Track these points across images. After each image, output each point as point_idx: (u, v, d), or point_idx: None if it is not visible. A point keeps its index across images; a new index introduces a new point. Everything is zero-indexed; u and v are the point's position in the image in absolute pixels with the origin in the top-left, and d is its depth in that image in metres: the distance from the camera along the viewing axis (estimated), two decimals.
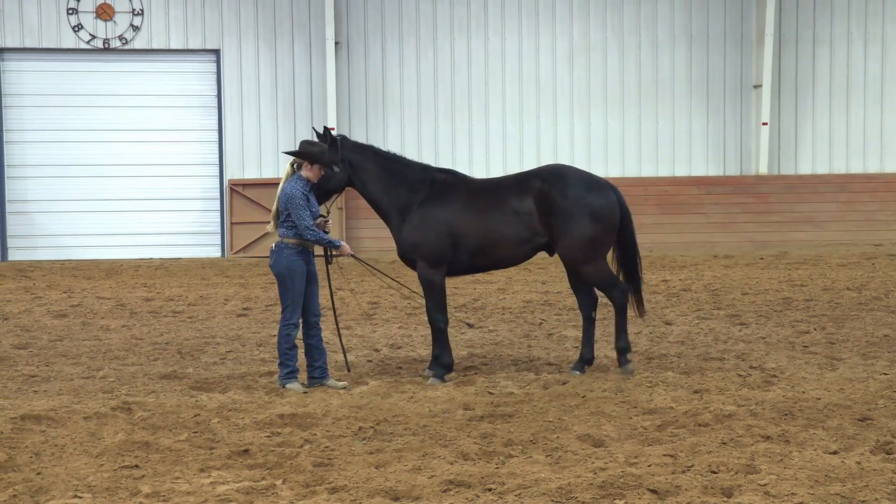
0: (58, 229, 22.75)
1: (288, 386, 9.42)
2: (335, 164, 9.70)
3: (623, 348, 10.04)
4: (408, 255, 9.98)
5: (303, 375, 9.77)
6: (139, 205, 22.85)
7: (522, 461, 6.94)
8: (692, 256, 21.58)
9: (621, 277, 10.21)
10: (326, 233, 9.55)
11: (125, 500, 6.26)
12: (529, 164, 22.97)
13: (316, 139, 9.98)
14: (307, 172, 9.44)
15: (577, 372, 9.99)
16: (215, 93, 23.03)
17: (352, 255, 9.73)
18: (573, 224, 9.76)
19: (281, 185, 9.48)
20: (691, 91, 24.04)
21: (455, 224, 9.83)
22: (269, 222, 9.74)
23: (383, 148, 10.39)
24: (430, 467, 6.80)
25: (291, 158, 9.52)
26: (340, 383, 9.61)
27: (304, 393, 9.28)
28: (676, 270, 19.12)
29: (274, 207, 9.59)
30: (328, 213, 10.01)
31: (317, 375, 9.62)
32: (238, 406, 8.75)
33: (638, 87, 23.91)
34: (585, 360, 10.14)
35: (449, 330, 10.16)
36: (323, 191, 9.81)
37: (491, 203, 9.91)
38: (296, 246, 9.44)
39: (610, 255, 10.20)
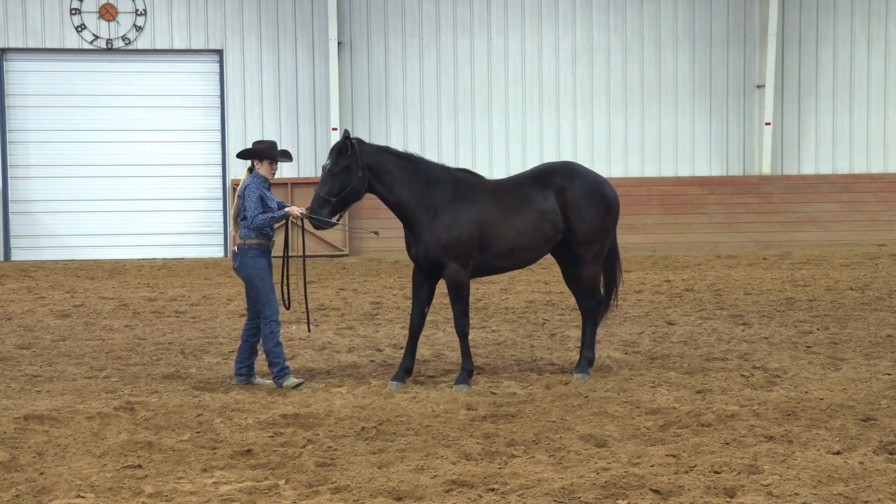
0: (61, 229, 22.77)
1: (284, 384, 9.44)
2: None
3: (590, 358, 10.00)
4: (435, 257, 9.61)
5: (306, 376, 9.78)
6: (142, 205, 22.87)
7: (525, 461, 6.94)
8: (695, 256, 21.56)
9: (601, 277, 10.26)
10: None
11: (128, 499, 6.27)
12: (533, 164, 22.91)
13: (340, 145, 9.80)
14: (261, 169, 9.52)
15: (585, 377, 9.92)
16: (218, 93, 23.05)
17: (303, 215, 9.46)
18: (589, 213, 9.83)
19: (238, 189, 9.57)
20: (694, 91, 24.03)
21: (487, 225, 9.66)
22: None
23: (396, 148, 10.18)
24: (433, 467, 6.80)
25: (249, 163, 9.60)
26: (267, 381, 9.60)
27: (300, 384, 9.40)
28: (679, 270, 19.11)
29: (233, 209, 9.65)
30: (339, 219, 9.81)
31: (244, 373, 9.70)
32: (241, 406, 8.75)
33: (641, 87, 23.90)
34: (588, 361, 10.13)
35: (452, 329, 10.13)
36: (343, 200, 9.47)
37: (518, 203, 9.79)
38: (258, 246, 9.48)
39: None
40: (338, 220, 9.64)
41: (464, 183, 9.84)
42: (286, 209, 9.52)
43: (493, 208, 9.74)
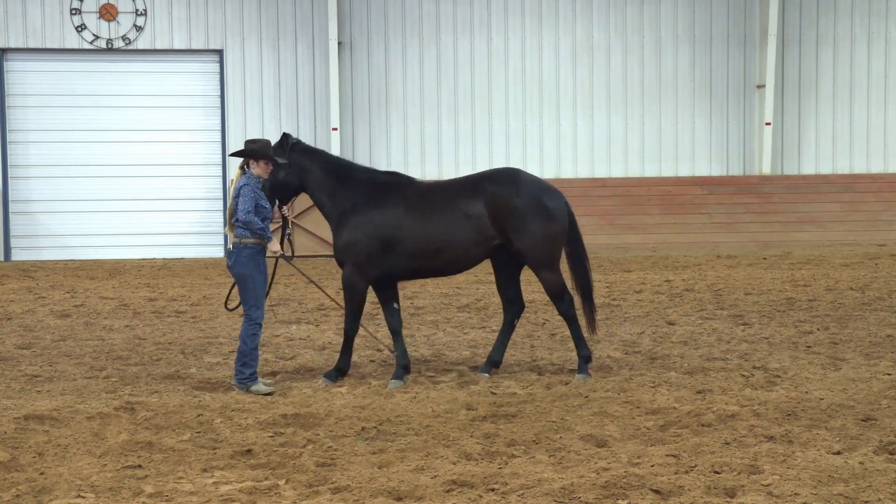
0: (61, 229, 22.77)
1: (253, 388, 9.35)
2: (280, 161, 9.73)
3: (586, 356, 9.98)
4: (339, 259, 9.85)
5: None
6: (142, 205, 22.88)
7: (525, 461, 6.94)
8: (695, 256, 21.56)
9: (575, 288, 10.18)
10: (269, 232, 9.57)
11: (128, 499, 6.27)
12: (533, 164, 23.00)
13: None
14: (256, 169, 9.52)
15: (486, 374, 9.89)
16: (218, 93, 23.05)
17: (281, 256, 9.64)
18: (530, 223, 9.69)
19: (232, 187, 9.53)
20: (694, 91, 24.03)
21: (389, 226, 9.66)
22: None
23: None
24: (433, 467, 6.81)
25: (241, 161, 9.61)
26: (268, 388, 9.49)
27: (270, 394, 9.24)
28: (679, 270, 19.10)
29: (228, 207, 9.61)
30: (288, 214, 10.07)
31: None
32: (241, 406, 8.75)
33: (641, 87, 23.91)
34: (493, 363, 10.10)
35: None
36: (277, 194, 9.84)
37: (438, 205, 9.76)
38: (255, 245, 9.45)
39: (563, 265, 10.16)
40: (290, 235, 10.09)
41: (381, 186, 9.87)
42: (271, 240, 9.47)
43: (404, 211, 9.72)
